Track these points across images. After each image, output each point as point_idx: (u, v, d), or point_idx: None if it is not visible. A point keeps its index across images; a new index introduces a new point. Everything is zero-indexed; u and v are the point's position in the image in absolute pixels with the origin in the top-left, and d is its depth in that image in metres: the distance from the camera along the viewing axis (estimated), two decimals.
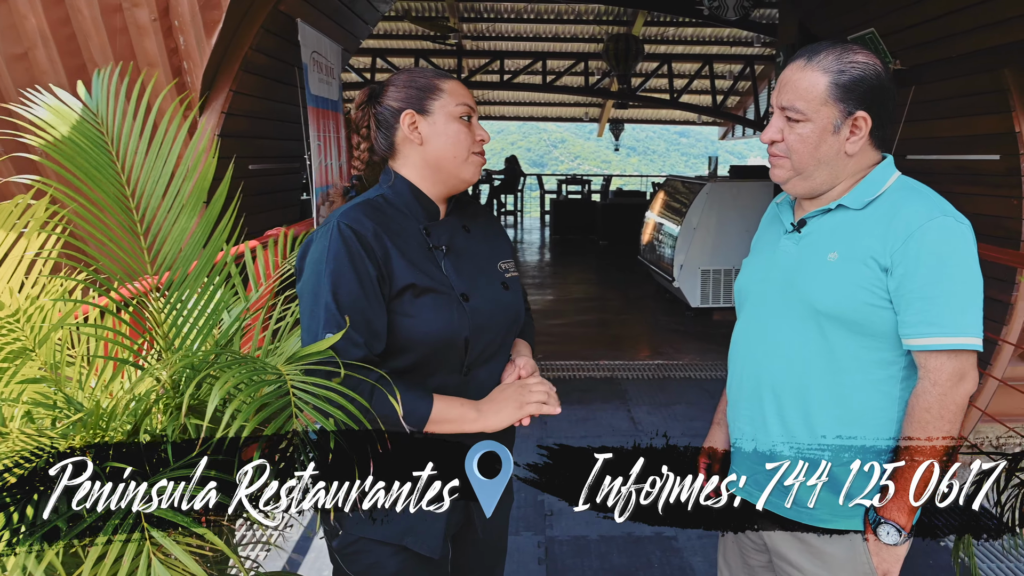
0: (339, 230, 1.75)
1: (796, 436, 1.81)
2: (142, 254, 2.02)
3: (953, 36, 5.61)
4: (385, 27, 16.16)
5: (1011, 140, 5.17)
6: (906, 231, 1.68)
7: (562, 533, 4.06)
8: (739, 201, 8.60)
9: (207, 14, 4.36)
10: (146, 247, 2.01)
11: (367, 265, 1.73)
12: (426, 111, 1.86)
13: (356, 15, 6.76)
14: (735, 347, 1.99)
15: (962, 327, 1.67)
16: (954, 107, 5.80)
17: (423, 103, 1.86)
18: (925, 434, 1.68)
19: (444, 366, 1.83)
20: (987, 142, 5.43)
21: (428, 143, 1.87)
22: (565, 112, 23.13)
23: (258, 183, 5.58)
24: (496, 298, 1.92)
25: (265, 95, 5.36)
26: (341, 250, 1.73)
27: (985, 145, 5.45)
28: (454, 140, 1.86)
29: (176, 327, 1.98)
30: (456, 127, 1.87)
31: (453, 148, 1.86)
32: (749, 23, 13.57)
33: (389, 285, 1.77)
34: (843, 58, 1.74)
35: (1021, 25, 4.93)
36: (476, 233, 2.00)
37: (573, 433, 5.43)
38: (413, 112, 1.86)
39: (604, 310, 9.61)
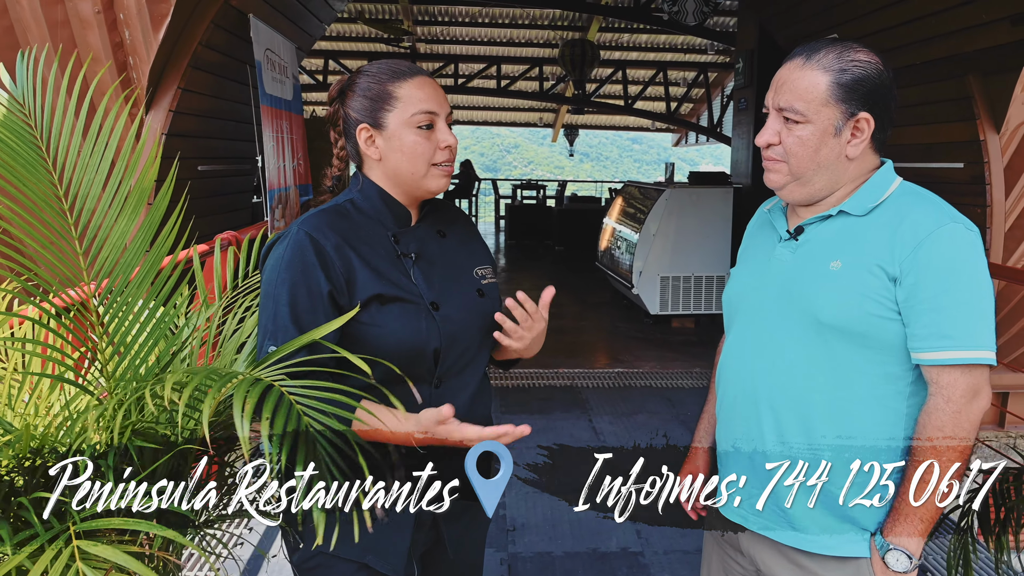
0: (298, 238, 1.67)
1: (796, 455, 1.69)
2: (78, 259, 1.84)
3: (916, 43, 5.60)
4: (338, 29, 15.99)
5: (975, 148, 5.15)
6: (915, 239, 1.57)
7: (525, 549, 3.92)
8: (698, 207, 8.53)
9: (154, 7, 4.17)
10: (82, 252, 1.84)
11: (320, 279, 1.65)
12: (380, 124, 1.73)
13: (311, 12, 6.58)
14: (727, 362, 1.86)
15: (976, 340, 1.56)
16: (918, 114, 5.78)
17: (377, 115, 1.73)
18: (937, 454, 1.56)
19: (414, 377, 1.68)
20: (951, 150, 5.42)
21: (386, 159, 1.75)
22: (519, 117, 23.12)
23: (208, 185, 5.39)
24: (470, 306, 1.82)
25: (216, 93, 5.17)
26: (296, 260, 1.66)
27: (949, 153, 5.43)
28: (410, 155, 1.72)
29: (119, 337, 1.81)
30: (412, 140, 1.72)
31: (410, 164, 1.73)
32: (704, 30, 13.63)
33: (350, 296, 1.68)
34: (844, 56, 1.63)
35: (985, 32, 4.91)
36: (452, 239, 1.89)
37: (534, 443, 5.29)
38: (368, 126, 1.74)
39: (562, 316, 9.48)
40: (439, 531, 1.86)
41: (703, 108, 18.86)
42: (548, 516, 4.24)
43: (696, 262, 8.52)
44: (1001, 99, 5.17)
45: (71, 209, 1.82)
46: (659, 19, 13.01)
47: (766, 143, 1.69)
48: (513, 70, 17.71)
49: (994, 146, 5.24)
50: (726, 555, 1.92)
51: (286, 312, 1.64)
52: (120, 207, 1.85)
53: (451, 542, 1.87)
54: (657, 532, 4.07)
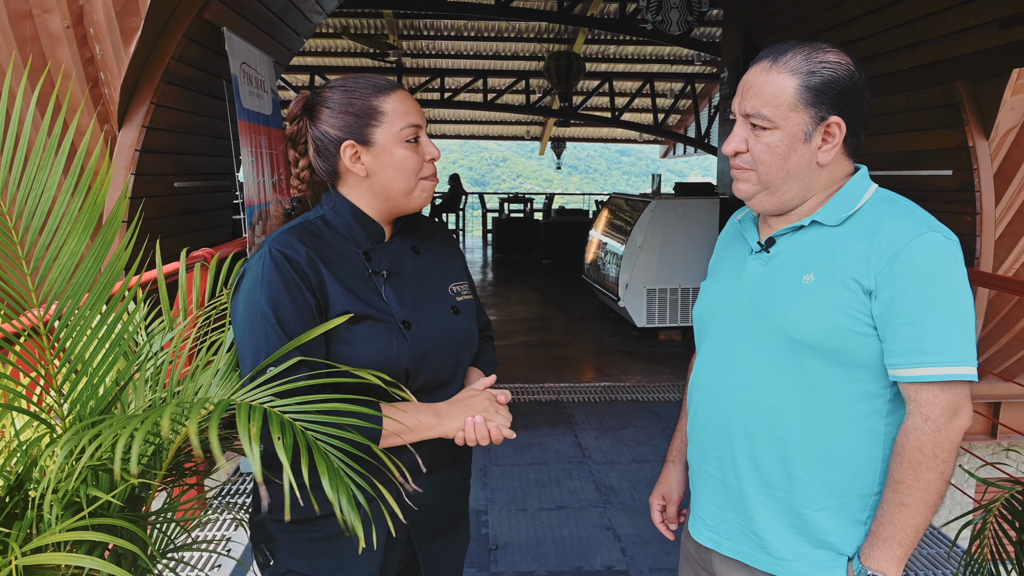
0: (271, 256, 1.63)
1: (770, 477, 1.62)
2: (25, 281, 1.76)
3: (903, 49, 5.56)
4: (324, 44, 15.97)
5: (964, 155, 5.10)
6: (891, 250, 1.50)
7: (508, 569, 3.83)
8: (684, 219, 8.49)
9: (124, 21, 4.09)
10: (29, 273, 1.75)
11: (304, 293, 1.62)
12: (368, 141, 1.69)
13: (288, 26, 6.50)
14: (697, 381, 1.78)
15: (956, 356, 1.48)
16: (905, 121, 5.74)
17: (364, 132, 1.69)
18: (916, 475, 1.49)
19: (385, 397, 1.66)
20: (939, 157, 5.37)
21: (374, 175, 1.71)
22: (506, 130, 23.12)
23: (185, 201, 5.30)
24: (444, 324, 1.78)
25: (191, 108, 5.09)
26: (275, 277, 1.61)
27: (937, 160, 5.38)
28: (401, 170, 1.70)
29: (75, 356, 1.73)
30: (403, 154, 1.70)
31: (401, 179, 1.71)
32: (690, 41, 13.63)
33: (326, 314, 1.65)
34: (813, 57, 1.56)
35: (972, 36, 4.87)
36: (427, 254, 1.86)
37: (519, 460, 5.22)
38: (354, 143, 1.69)
39: (548, 331, 9.42)
40: (413, 552, 1.81)
41: (691, 119, 18.87)
42: (532, 535, 4.16)
43: (682, 274, 8.46)
44: (990, 105, 5.13)
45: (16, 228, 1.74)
46: (645, 30, 13.00)
47: (733, 151, 1.62)
48: (499, 83, 17.71)
49: (983, 152, 5.19)
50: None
51: (277, 331, 1.59)
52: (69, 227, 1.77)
53: (426, 563, 1.82)
54: (643, 550, 3.99)
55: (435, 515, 1.82)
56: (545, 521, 4.35)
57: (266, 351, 1.58)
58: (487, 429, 1.71)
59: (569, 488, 4.80)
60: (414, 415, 1.67)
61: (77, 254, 1.81)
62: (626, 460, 5.26)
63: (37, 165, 1.72)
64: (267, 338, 1.59)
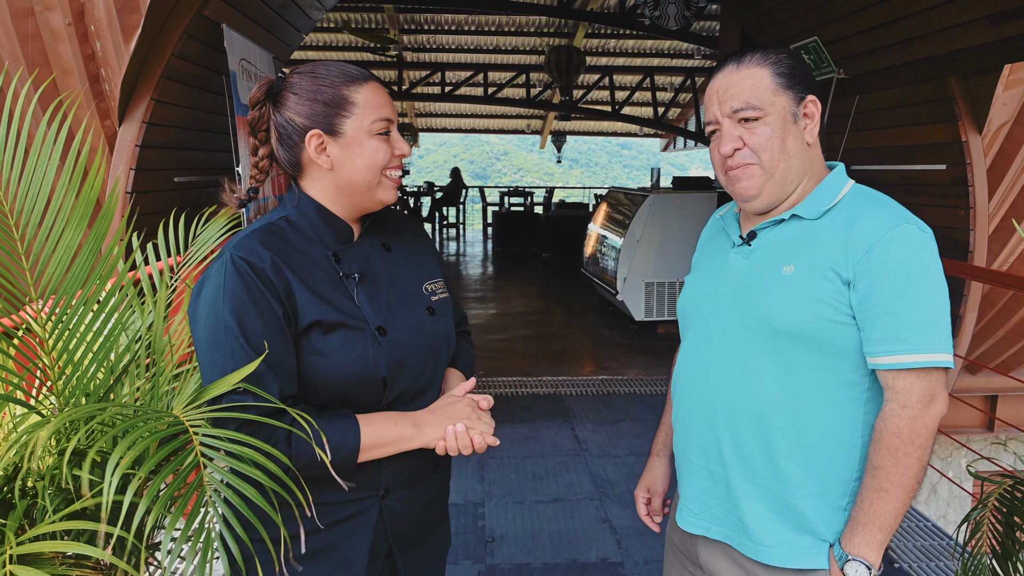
0: (233, 263, 1.52)
1: (753, 465, 1.65)
2: (24, 275, 1.79)
3: (897, 44, 5.58)
4: (324, 39, 15.97)
5: (957, 150, 5.13)
6: (868, 241, 1.54)
7: (504, 561, 3.87)
8: (682, 212, 8.52)
9: (125, 18, 4.11)
10: (28, 268, 1.79)
11: (269, 301, 1.51)
12: (336, 131, 1.60)
13: (287, 22, 6.53)
14: (682, 372, 1.82)
15: (932, 343, 1.53)
16: (899, 117, 5.76)
17: (332, 122, 1.60)
18: (895, 461, 1.53)
19: (363, 406, 1.62)
20: (933, 152, 5.40)
21: (340, 168, 1.62)
22: (507, 124, 23.11)
23: (186, 196, 5.33)
24: (419, 328, 1.70)
25: (191, 104, 5.12)
26: (238, 286, 1.50)
27: (931, 155, 5.41)
28: (369, 164, 1.62)
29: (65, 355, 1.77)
30: (372, 146, 1.62)
31: (368, 173, 1.62)
32: (689, 35, 13.63)
33: (295, 323, 1.55)
34: (769, 54, 1.67)
35: (965, 32, 4.89)
36: (398, 252, 1.78)
37: (516, 452, 5.26)
38: (321, 133, 1.60)
39: (547, 324, 9.45)
40: (395, 562, 1.75)
41: (690, 113, 18.86)
42: (527, 527, 4.20)
43: (681, 267, 8.49)
44: (982, 100, 5.16)
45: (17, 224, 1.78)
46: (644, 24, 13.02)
47: (732, 149, 1.66)
48: (500, 77, 17.70)
49: (976, 147, 5.22)
50: (685, 569, 1.89)
51: (243, 345, 1.49)
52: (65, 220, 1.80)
53: (407, 571, 1.77)
54: (638, 542, 4.03)
55: (416, 525, 1.77)
56: (541, 513, 4.39)
57: (232, 367, 1.47)
58: (469, 438, 1.64)
59: (566, 481, 4.84)
60: (392, 427, 1.60)
61: (73, 247, 1.84)
62: (623, 453, 5.30)
63: (36, 162, 1.76)
64: (233, 353, 1.48)
